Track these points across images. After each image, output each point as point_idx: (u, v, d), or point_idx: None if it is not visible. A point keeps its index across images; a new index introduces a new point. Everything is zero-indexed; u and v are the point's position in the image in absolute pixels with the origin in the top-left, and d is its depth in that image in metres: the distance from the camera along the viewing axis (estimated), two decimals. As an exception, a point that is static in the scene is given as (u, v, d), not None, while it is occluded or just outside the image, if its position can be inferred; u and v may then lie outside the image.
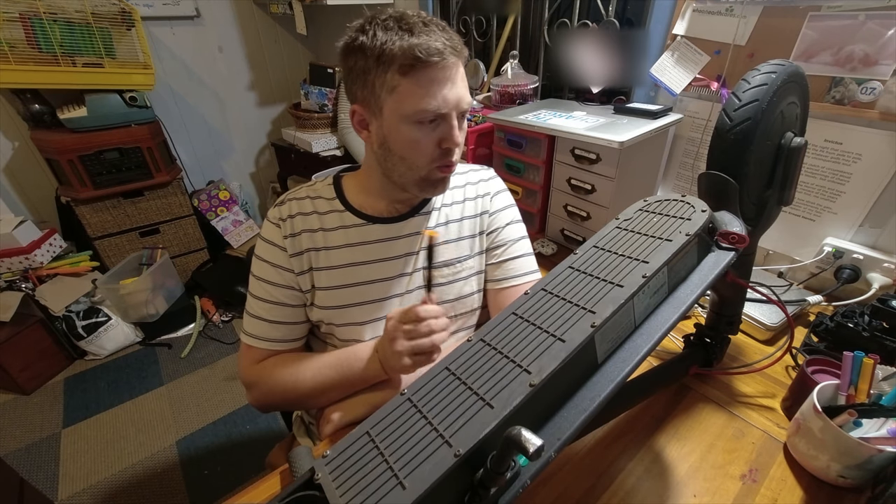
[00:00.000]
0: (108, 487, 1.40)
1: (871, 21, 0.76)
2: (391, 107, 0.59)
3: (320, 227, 0.70)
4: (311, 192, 0.73)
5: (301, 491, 0.36)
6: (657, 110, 1.02)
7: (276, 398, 0.69)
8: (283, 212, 0.70)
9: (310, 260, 0.69)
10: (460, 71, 0.61)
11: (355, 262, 0.70)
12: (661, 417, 0.65)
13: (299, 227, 0.69)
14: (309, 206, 0.71)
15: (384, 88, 0.58)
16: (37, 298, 1.79)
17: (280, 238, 0.69)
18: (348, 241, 0.70)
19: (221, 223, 2.30)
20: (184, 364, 1.90)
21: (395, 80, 0.57)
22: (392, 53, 0.55)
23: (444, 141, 0.61)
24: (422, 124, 0.60)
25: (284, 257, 0.69)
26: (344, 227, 0.70)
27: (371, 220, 0.71)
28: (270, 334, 0.70)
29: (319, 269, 0.70)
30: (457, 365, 0.39)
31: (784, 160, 0.57)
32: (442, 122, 0.60)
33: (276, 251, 0.69)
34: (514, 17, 1.45)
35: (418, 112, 0.58)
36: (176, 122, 2.21)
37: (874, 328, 0.68)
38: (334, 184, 0.73)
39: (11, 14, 1.52)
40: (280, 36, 2.41)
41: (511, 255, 0.76)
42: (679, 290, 0.44)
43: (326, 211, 0.71)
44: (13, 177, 1.91)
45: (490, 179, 0.80)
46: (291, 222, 0.69)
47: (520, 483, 0.33)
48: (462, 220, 0.76)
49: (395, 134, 0.60)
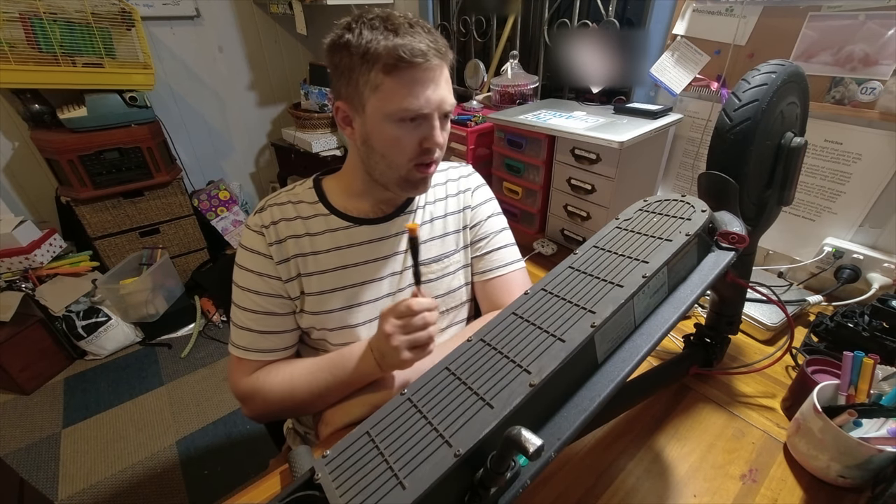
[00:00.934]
0: (108, 487, 1.40)
1: (871, 21, 0.76)
2: (374, 105, 0.59)
3: (306, 231, 0.69)
4: (292, 196, 0.72)
5: (301, 491, 0.36)
6: (657, 110, 1.02)
7: (274, 408, 0.67)
8: (264, 218, 0.69)
9: (297, 266, 0.69)
10: (444, 73, 0.61)
11: (344, 265, 0.70)
12: (661, 417, 0.65)
13: (284, 234, 0.68)
14: (292, 210, 0.70)
15: (367, 86, 0.59)
16: (37, 298, 1.79)
17: (264, 246, 0.68)
18: (336, 244, 0.70)
19: (221, 223, 2.30)
20: (184, 364, 1.90)
21: (379, 79, 0.58)
22: (377, 52, 0.56)
23: (426, 140, 0.62)
24: (403, 123, 0.60)
25: (270, 265, 0.68)
26: (330, 231, 0.70)
27: (357, 222, 0.71)
28: (261, 345, 0.68)
29: (308, 274, 0.69)
30: (457, 365, 0.39)
31: (784, 160, 0.57)
32: (424, 122, 0.61)
33: (260, 259, 0.68)
34: (514, 17, 1.45)
35: (400, 111, 0.58)
36: (176, 122, 2.21)
37: (874, 328, 0.68)
38: (315, 187, 0.73)
39: (11, 14, 1.52)
40: (280, 36, 2.41)
41: (494, 246, 0.78)
42: (679, 290, 0.44)
43: (310, 215, 0.70)
44: (13, 177, 1.91)
45: (469, 175, 0.82)
46: (275, 229, 0.68)
47: (520, 483, 0.33)
48: (446, 217, 0.77)
49: (378, 132, 0.61)
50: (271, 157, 2.64)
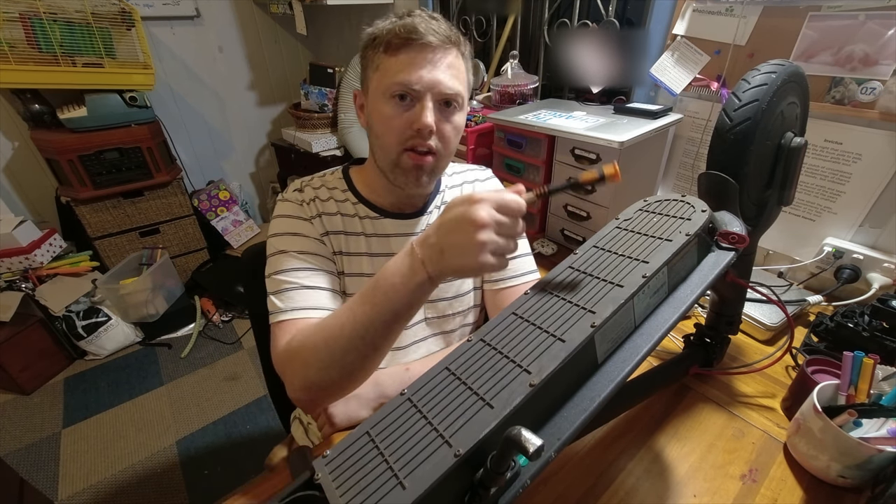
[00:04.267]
0: (108, 487, 1.40)
1: (871, 21, 0.76)
2: (374, 83, 0.62)
3: (339, 212, 0.70)
4: (324, 181, 0.73)
5: (301, 491, 0.35)
6: (657, 110, 1.02)
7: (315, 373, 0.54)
8: (305, 195, 0.70)
9: (337, 243, 0.69)
10: (448, 59, 0.60)
11: (372, 253, 0.71)
12: (661, 417, 0.65)
13: (321, 210, 0.69)
14: (325, 193, 0.71)
15: (371, 67, 0.62)
16: (37, 298, 1.79)
17: (308, 215, 0.68)
18: (364, 230, 0.71)
19: (221, 223, 2.30)
20: (184, 364, 1.90)
21: (380, 59, 0.61)
22: (381, 33, 0.60)
23: (415, 121, 0.60)
24: (395, 100, 0.60)
25: (316, 231, 0.68)
26: (359, 217, 0.71)
27: (384, 214, 0.72)
28: (310, 301, 0.61)
29: (345, 253, 0.70)
30: (457, 365, 0.38)
31: (784, 160, 0.57)
32: (416, 102, 0.60)
33: (306, 224, 0.67)
34: (514, 17, 1.45)
35: (392, 85, 0.59)
36: (176, 122, 2.21)
37: (874, 328, 0.68)
38: (344, 176, 0.74)
39: (11, 14, 1.52)
40: (280, 36, 2.41)
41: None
42: (679, 290, 0.44)
43: (342, 200, 0.72)
44: (13, 177, 1.91)
45: (487, 180, 0.81)
46: (314, 204, 0.69)
47: (520, 483, 0.33)
48: None
49: (375, 110, 0.63)
50: (271, 157, 2.64)
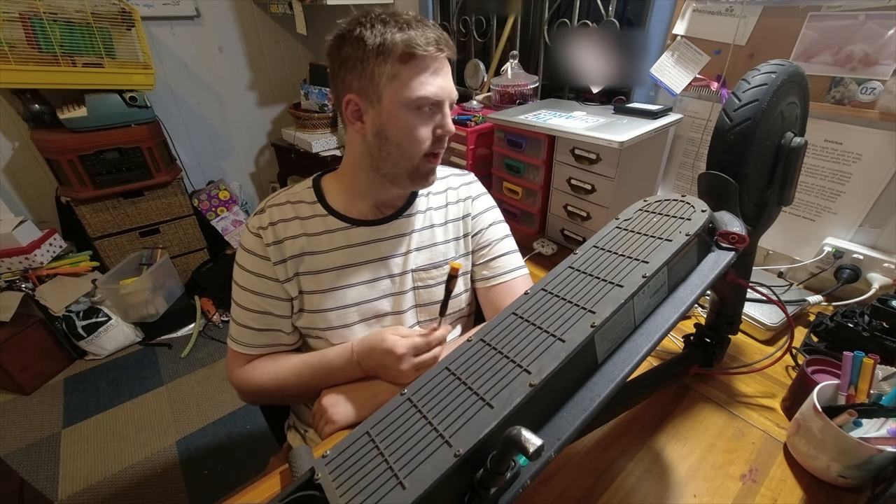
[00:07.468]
0: (108, 487, 1.40)
1: (871, 21, 0.76)
2: (391, 94, 0.61)
3: (303, 232, 0.70)
4: (291, 196, 0.72)
5: (301, 491, 0.36)
6: (657, 110, 1.02)
7: (264, 398, 0.77)
8: (263, 220, 0.70)
9: (295, 265, 0.70)
10: (447, 66, 0.65)
11: (341, 266, 0.71)
12: (661, 417, 0.65)
13: (282, 235, 0.69)
14: (290, 211, 0.71)
15: (384, 77, 0.60)
16: (37, 298, 1.79)
17: (262, 248, 0.69)
18: (333, 244, 0.71)
19: (221, 223, 2.30)
20: (184, 364, 1.90)
21: (396, 69, 0.59)
22: (393, 43, 0.58)
23: (440, 128, 0.64)
24: (420, 111, 0.62)
25: (268, 267, 0.69)
26: (328, 231, 0.71)
27: (354, 223, 0.72)
28: (257, 341, 0.72)
29: (306, 273, 0.70)
30: (457, 365, 0.39)
31: (784, 160, 0.57)
32: (437, 110, 0.64)
33: (258, 261, 0.69)
34: (514, 17, 1.45)
35: (420, 98, 0.60)
36: (176, 122, 2.21)
37: (874, 328, 0.68)
38: (314, 187, 0.73)
39: (11, 14, 1.52)
40: (280, 36, 2.41)
41: (497, 253, 0.78)
42: (679, 290, 0.44)
43: (309, 216, 0.71)
44: (13, 177, 1.91)
45: (471, 183, 0.82)
46: (273, 230, 0.69)
47: (520, 483, 0.33)
48: (446, 224, 0.78)
49: (394, 121, 0.62)
50: (271, 157, 2.64)
